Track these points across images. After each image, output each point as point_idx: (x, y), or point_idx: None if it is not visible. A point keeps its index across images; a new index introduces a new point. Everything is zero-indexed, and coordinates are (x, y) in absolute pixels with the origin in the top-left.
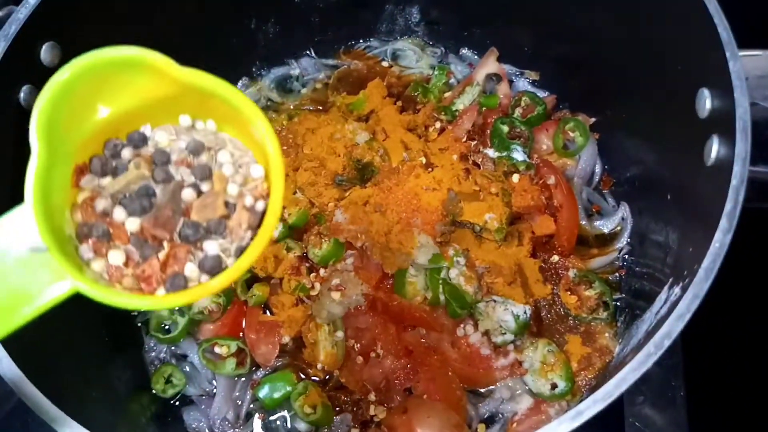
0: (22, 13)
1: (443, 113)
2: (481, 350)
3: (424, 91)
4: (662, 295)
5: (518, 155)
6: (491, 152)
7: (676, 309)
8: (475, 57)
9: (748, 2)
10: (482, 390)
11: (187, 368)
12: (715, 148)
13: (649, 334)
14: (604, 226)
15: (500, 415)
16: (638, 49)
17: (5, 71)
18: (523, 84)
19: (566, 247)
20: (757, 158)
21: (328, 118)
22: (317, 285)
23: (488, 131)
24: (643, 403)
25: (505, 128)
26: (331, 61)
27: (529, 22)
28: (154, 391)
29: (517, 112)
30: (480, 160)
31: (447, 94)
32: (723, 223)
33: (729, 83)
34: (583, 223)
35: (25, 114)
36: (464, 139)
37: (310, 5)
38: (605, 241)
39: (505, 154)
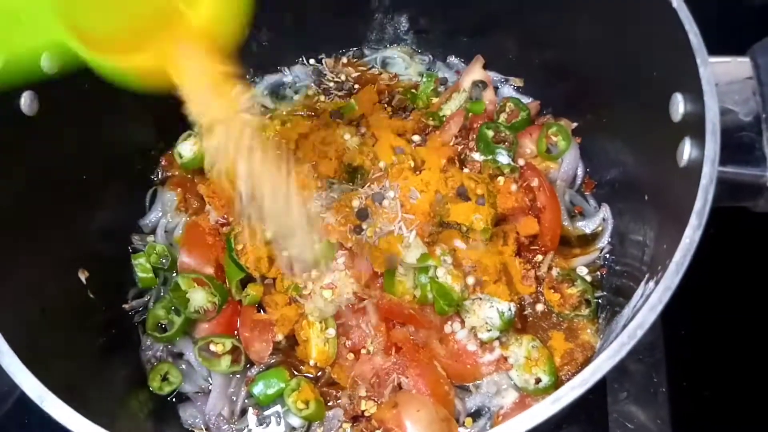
0: None
1: (431, 119)
2: (468, 346)
3: (413, 97)
4: (639, 291)
5: (503, 159)
6: (477, 156)
7: (648, 301)
8: (462, 64)
9: (718, 10)
10: (469, 385)
11: (183, 366)
12: (687, 150)
13: (625, 327)
14: (586, 226)
15: (487, 409)
16: (616, 57)
17: None
18: (507, 90)
19: (549, 247)
20: (727, 159)
21: (320, 123)
22: (309, 284)
23: (474, 136)
24: (627, 398)
25: (491, 133)
26: (322, 69)
27: (514, 32)
28: (151, 389)
29: (502, 117)
30: (466, 163)
31: (435, 100)
32: (693, 220)
33: (700, 88)
34: (566, 223)
35: (26, 120)
36: (451, 144)
37: (302, 15)
38: (587, 241)
39: (490, 157)
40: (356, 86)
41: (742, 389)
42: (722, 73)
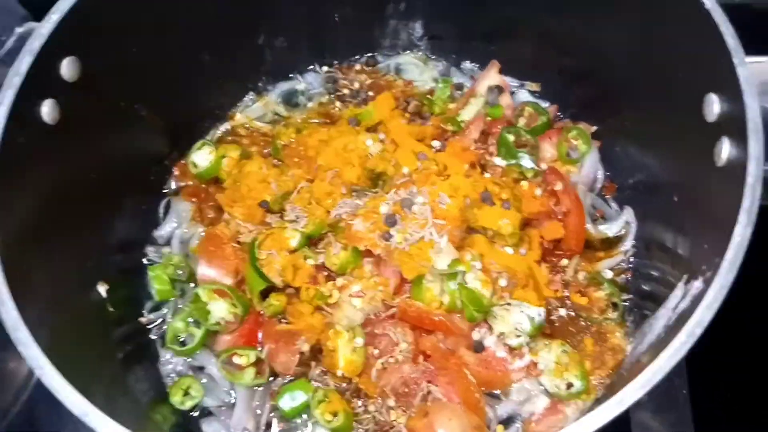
0: (45, 29)
1: (450, 124)
2: (497, 353)
3: (430, 103)
4: (677, 291)
5: (526, 163)
6: (498, 160)
7: (704, 299)
8: (477, 69)
9: (745, 11)
10: (498, 392)
11: (205, 380)
12: (726, 150)
13: (674, 327)
14: (609, 229)
15: (518, 416)
16: (641, 59)
17: (29, 85)
18: (524, 95)
19: (575, 251)
20: (765, 158)
21: (339, 129)
22: (335, 293)
23: (493, 141)
24: (647, 403)
25: (512, 137)
26: (335, 76)
27: (530, 37)
28: (172, 404)
29: (521, 121)
30: (487, 168)
31: (451, 106)
32: (742, 217)
33: (738, 88)
34: (588, 227)
35: (47, 129)
36: (472, 148)
37: (315, 21)
38: (610, 244)
39: (513, 162)
40: (370, 93)
41: (763, 391)
42: (757, 73)
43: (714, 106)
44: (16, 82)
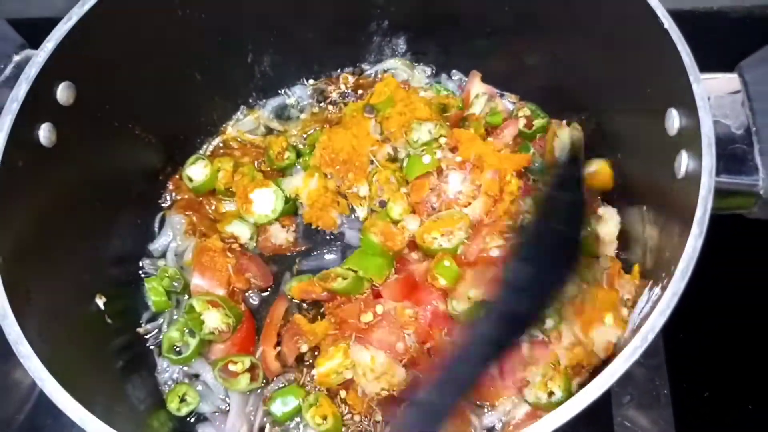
0: (41, 57)
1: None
2: None
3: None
4: (644, 297)
5: None
6: None
7: (657, 306)
8: (464, 77)
9: (702, 28)
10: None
11: (200, 387)
12: (685, 163)
13: (635, 331)
14: None
15: (500, 422)
16: (611, 75)
17: (26, 111)
18: (506, 104)
19: None
20: (722, 170)
21: (358, 129)
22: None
23: None
24: (630, 402)
25: None
26: (324, 88)
27: (509, 53)
28: (169, 410)
29: (521, 122)
30: None
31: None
32: (694, 228)
33: (694, 104)
34: None
35: (45, 151)
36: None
37: (300, 40)
38: None
39: None
40: (359, 91)
41: (740, 389)
42: (713, 89)
43: (675, 121)
44: (14, 108)
